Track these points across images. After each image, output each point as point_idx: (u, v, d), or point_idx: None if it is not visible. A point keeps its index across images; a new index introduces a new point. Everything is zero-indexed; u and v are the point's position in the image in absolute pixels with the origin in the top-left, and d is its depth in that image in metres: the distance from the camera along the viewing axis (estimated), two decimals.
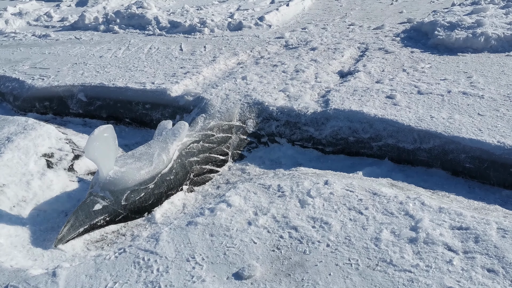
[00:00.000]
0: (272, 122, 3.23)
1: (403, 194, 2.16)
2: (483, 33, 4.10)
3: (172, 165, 2.70)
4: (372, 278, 1.66)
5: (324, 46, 4.62)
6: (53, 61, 4.83)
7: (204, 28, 5.67)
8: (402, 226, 1.92)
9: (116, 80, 3.98)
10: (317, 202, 2.14)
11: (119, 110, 3.82)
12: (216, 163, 3.01)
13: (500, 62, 3.72)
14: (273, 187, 2.32)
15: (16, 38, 6.19)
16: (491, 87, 3.23)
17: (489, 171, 2.53)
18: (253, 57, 4.55)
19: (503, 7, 5.01)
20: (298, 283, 1.68)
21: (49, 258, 2.18)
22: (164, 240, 1.99)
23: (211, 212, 2.14)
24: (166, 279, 1.76)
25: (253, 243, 1.92)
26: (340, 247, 1.84)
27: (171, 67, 4.27)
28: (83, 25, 6.60)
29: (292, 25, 5.83)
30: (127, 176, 2.45)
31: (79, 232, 2.31)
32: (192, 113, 3.42)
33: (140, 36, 5.73)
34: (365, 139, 2.93)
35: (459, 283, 1.60)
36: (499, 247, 1.75)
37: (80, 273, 1.85)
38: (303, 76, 3.77)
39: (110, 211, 2.41)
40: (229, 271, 1.78)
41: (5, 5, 8.57)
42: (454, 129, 2.69)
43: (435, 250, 1.77)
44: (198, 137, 3.01)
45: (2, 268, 1.97)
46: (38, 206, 2.55)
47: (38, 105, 4.10)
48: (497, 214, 2.08)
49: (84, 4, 8.63)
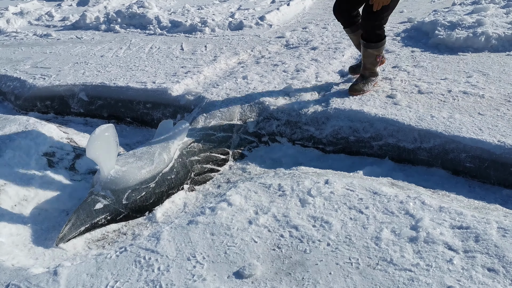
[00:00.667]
0: (273, 121, 3.24)
1: (404, 194, 2.16)
2: (484, 33, 4.10)
3: (173, 164, 2.70)
4: (372, 277, 1.67)
5: (324, 45, 4.62)
6: (54, 60, 4.84)
7: (205, 27, 5.67)
8: (403, 225, 1.93)
9: (117, 80, 3.98)
10: (318, 201, 2.15)
11: (120, 110, 3.83)
12: (217, 162, 3.02)
13: (501, 61, 3.72)
14: (273, 186, 2.33)
15: (18, 38, 6.20)
16: (492, 86, 3.23)
17: (490, 171, 2.53)
18: (253, 56, 4.55)
19: (503, 7, 5.01)
20: (299, 282, 1.69)
21: (50, 257, 2.19)
22: (165, 239, 1.99)
23: (212, 211, 2.15)
24: (167, 278, 1.77)
25: (254, 242, 1.92)
26: (341, 246, 1.84)
27: (172, 66, 4.27)
28: (84, 24, 6.61)
29: (292, 25, 5.83)
30: (128, 175, 2.46)
31: (80, 231, 2.32)
32: (193, 113, 3.43)
33: (141, 36, 5.73)
34: (365, 139, 2.93)
35: (459, 282, 1.60)
36: (499, 246, 1.75)
37: (81, 272, 1.86)
38: (303, 75, 3.77)
39: (111, 210, 2.41)
40: (229, 270, 1.78)
41: (6, 5, 8.58)
42: (454, 128, 2.70)
43: (435, 249, 1.77)
44: (199, 136, 3.02)
45: (4, 267, 1.97)
46: (39, 205, 2.56)
47: (39, 105, 4.11)
48: (497, 213, 2.08)
49: (85, 3, 8.64)
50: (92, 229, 2.37)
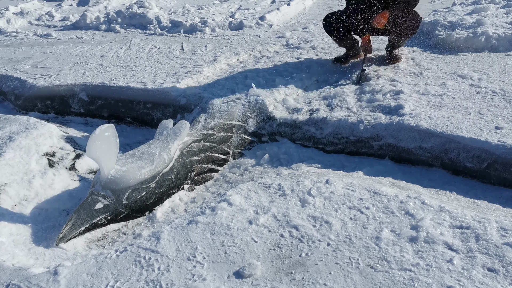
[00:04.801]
0: (273, 121, 3.24)
1: (404, 193, 2.16)
2: (484, 33, 4.10)
3: (173, 164, 2.70)
4: (372, 277, 1.67)
5: (325, 45, 4.62)
6: (54, 60, 4.84)
7: (205, 27, 5.67)
8: (403, 225, 1.93)
9: (118, 80, 3.98)
10: (318, 201, 2.15)
11: (120, 110, 3.83)
12: (217, 162, 3.02)
13: (501, 61, 3.72)
14: (273, 186, 2.33)
15: (18, 38, 6.20)
16: (492, 86, 3.22)
17: (490, 171, 2.53)
18: (254, 56, 4.55)
19: (503, 7, 5.01)
20: (299, 282, 1.69)
21: (50, 257, 2.19)
22: (165, 239, 1.99)
23: (212, 211, 2.15)
24: (167, 277, 1.77)
25: (254, 242, 1.92)
26: (341, 246, 1.84)
27: (172, 66, 4.27)
28: (84, 24, 6.61)
29: (293, 25, 5.83)
30: (128, 175, 2.46)
31: (81, 231, 2.32)
32: (193, 113, 3.43)
33: (141, 36, 5.73)
34: (365, 139, 2.93)
35: (459, 282, 1.60)
36: (499, 246, 1.75)
37: (81, 272, 1.86)
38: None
39: (112, 210, 2.41)
40: (230, 270, 1.78)
41: (6, 5, 8.58)
42: (454, 128, 2.70)
43: (435, 249, 1.77)
44: (199, 136, 3.02)
45: (4, 266, 1.98)
46: (40, 205, 2.56)
47: (40, 104, 4.11)
48: (497, 213, 2.08)
49: (86, 3, 8.64)
50: (92, 229, 2.38)
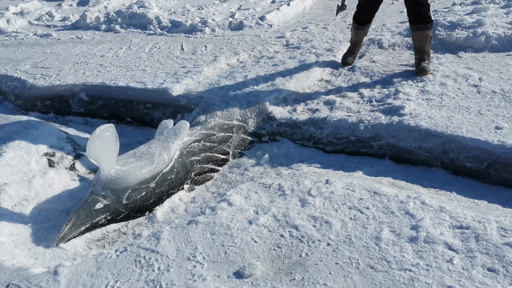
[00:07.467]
0: (273, 121, 3.24)
1: (404, 193, 2.16)
2: (484, 33, 4.10)
3: (173, 164, 2.70)
4: (372, 277, 1.67)
5: (325, 45, 4.62)
6: (54, 60, 4.84)
7: (205, 27, 5.68)
8: (403, 225, 1.93)
9: (118, 80, 3.98)
10: (318, 201, 2.15)
11: (120, 109, 3.83)
12: (217, 162, 3.02)
13: (501, 61, 3.72)
14: (273, 186, 2.33)
15: (18, 38, 6.20)
16: (492, 86, 3.23)
17: (490, 171, 2.53)
18: (254, 56, 4.55)
19: (503, 7, 5.01)
20: (299, 282, 1.69)
21: (50, 257, 2.19)
22: (165, 239, 1.99)
23: (212, 211, 2.15)
24: (167, 277, 1.77)
25: (254, 242, 1.92)
26: (341, 246, 1.84)
27: (172, 66, 4.27)
28: (84, 24, 6.61)
29: (293, 25, 5.83)
30: (128, 175, 2.46)
31: (81, 231, 2.32)
32: (193, 113, 3.43)
33: (141, 36, 5.73)
34: (365, 138, 2.93)
35: (459, 282, 1.60)
36: (499, 246, 1.75)
37: (81, 272, 1.86)
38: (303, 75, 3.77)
39: (112, 210, 2.41)
40: (230, 270, 1.78)
41: (6, 5, 8.58)
42: (454, 128, 2.70)
43: (435, 249, 1.77)
44: (199, 136, 3.02)
45: (4, 266, 1.98)
46: (40, 205, 2.56)
47: (40, 104, 4.11)
48: (497, 213, 2.08)
49: (86, 3, 8.64)
50: (92, 229, 2.38)
